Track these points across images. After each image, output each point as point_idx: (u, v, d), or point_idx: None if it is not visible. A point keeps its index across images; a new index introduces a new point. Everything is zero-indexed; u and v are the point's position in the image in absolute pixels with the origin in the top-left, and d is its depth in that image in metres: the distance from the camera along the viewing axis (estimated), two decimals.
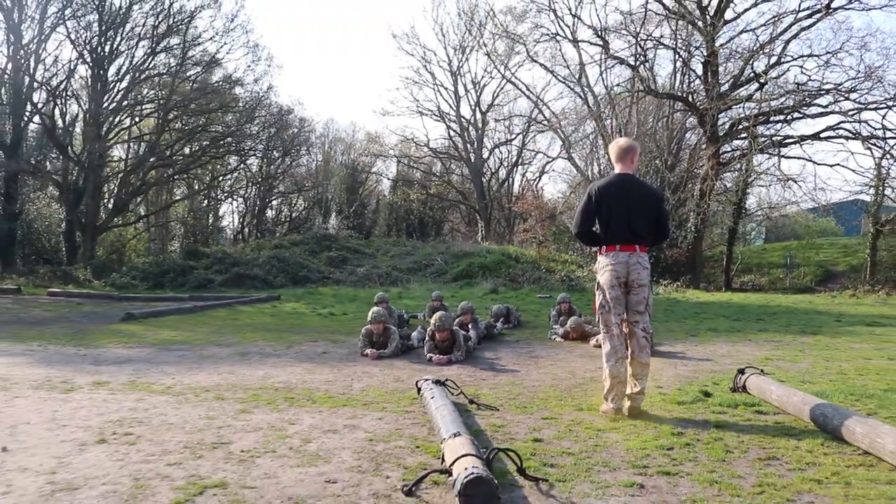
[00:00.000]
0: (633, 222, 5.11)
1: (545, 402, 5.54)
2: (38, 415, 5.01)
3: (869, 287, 24.15)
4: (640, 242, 5.15)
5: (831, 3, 25.00)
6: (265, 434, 4.44)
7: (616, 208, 5.12)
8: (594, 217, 5.26)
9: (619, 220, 5.12)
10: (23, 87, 28.07)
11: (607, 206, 5.15)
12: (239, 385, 6.27)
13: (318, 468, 3.72)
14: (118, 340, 9.80)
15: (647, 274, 5.19)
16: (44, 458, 3.89)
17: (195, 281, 23.81)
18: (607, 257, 5.20)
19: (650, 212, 5.17)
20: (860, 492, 3.30)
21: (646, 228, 5.17)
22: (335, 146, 51.87)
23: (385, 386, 6.31)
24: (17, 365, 7.41)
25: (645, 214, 5.15)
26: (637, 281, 5.12)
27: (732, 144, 29.03)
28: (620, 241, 5.13)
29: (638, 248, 5.14)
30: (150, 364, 7.59)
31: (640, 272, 5.13)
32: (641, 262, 5.14)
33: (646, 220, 5.16)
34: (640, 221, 5.13)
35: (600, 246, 5.29)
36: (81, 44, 29.06)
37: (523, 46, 32.66)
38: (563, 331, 10.11)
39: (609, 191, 5.17)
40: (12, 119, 28.58)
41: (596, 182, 5.44)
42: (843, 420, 4.14)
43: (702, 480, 3.49)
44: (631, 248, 5.13)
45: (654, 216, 5.20)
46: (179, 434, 4.43)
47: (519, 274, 24.19)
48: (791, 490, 3.34)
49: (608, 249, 5.20)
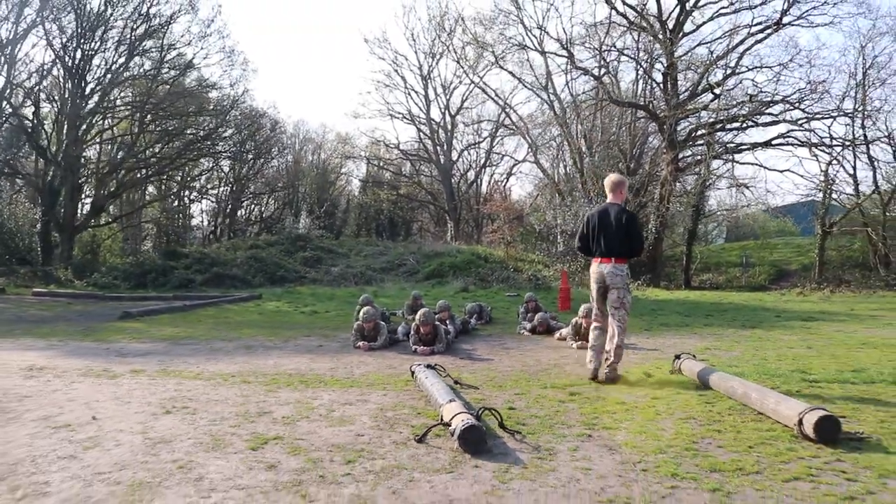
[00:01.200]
0: (609, 241, 6.78)
1: (517, 382, 6.73)
2: (101, 395, 6.09)
3: (816, 285, 25.81)
4: (614, 256, 6.77)
5: (781, 20, 26.68)
6: (296, 406, 5.58)
7: (598, 230, 6.85)
8: (587, 236, 7.00)
9: (598, 239, 6.86)
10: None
11: (592, 228, 6.92)
12: (257, 372, 7.37)
13: (346, 427, 4.87)
14: (128, 336, 10.79)
15: (620, 279, 6.76)
16: (130, 424, 4.99)
17: (176, 280, 24.64)
18: (593, 265, 6.99)
19: (623, 233, 6.73)
20: (747, 435, 4.55)
21: (618, 246, 6.77)
22: (305, 146, 52.69)
23: (381, 371, 7.47)
24: (52, 357, 8.42)
25: (618, 235, 6.73)
26: (611, 284, 6.78)
27: (690, 150, 30.60)
28: (600, 254, 6.86)
29: (613, 259, 6.77)
30: (169, 356, 8.65)
31: (614, 278, 6.76)
32: (615, 270, 6.76)
33: (618, 240, 6.75)
34: (614, 241, 6.76)
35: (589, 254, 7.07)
36: (58, 46, 29.59)
37: (492, 54, 33.93)
38: (531, 325, 11.33)
39: (595, 217, 6.92)
40: None
41: (590, 209, 7.34)
42: (709, 376, 5.41)
43: (634, 431, 4.72)
44: (607, 260, 6.80)
45: (626, 236, 6.74)
46: (227, 407, 5.55)
47: (488, 273, 25.38)
48: (697, 436, 4.58)
49: (594, 260, 6.97)
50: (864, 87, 26.83)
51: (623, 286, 6.78)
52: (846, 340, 10.15)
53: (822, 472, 3.80)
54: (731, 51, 27.69)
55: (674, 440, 4.51)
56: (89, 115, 31.27)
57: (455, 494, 3.48)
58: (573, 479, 3.73)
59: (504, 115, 41.66)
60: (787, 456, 4.12)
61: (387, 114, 45.50)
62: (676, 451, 4.25)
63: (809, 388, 6.23)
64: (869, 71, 26.94)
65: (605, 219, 6.83)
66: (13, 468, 3.96)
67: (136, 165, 33.81)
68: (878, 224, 27.55)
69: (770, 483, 3.63)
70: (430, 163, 47.20)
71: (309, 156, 52.93)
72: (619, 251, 6.77)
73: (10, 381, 6.75)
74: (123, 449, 4.34)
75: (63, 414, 5.30)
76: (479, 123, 46.69)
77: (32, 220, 35.50)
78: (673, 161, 27.75)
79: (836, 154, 27.67)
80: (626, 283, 6.83)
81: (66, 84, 31.03)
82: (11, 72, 29.37)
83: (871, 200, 28.18)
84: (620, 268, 6.78)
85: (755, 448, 4.30)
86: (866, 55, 26.93)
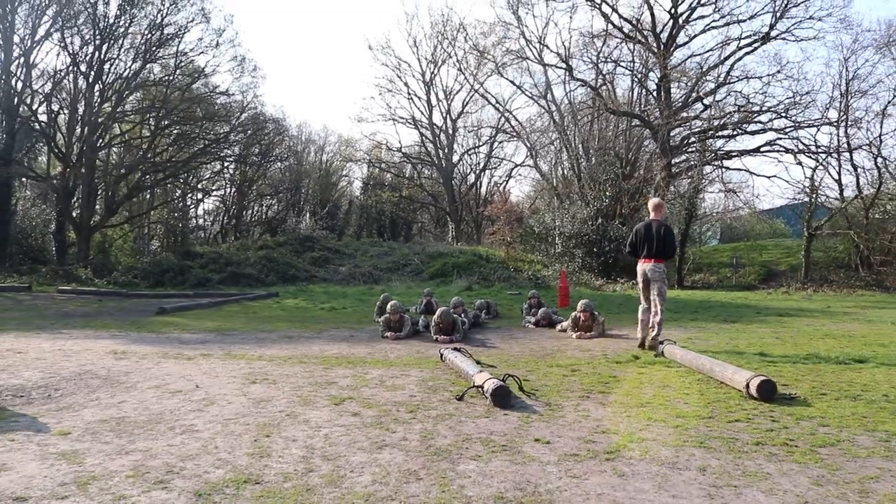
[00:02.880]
0: (650, 246, 9.28)
1: (527, 363, 8.14)
2: (190, 371, 7.49)
3: (800, 285, 27.28)
4: (654, 257, 9.27)
5: (769, 34, 28.17)
6: (353, 378, 6.99)
7: (643, 238, 9.38)
8: (635, 244, 9.52)
9: (643, 245, 9.37)
10: (15, 93, 29.77)
11: (639, 237, 9.45)
12: (307, 355, 8.77)
13: (399, 392, 6.28)
14: (176, 328, 12.17)
15: (658, 274, 9.30)
16: (229, 390, 6.39)
17: (194, 279, 25.99)
18: (639, 264, 9.51)
19: (662, 241, 9.27)
20: (708, 396, 5.97)
21: (657, 250, 9.26)
22: (308, 148, 54.02)
23: (412, 355, 8.88)
24: (125, 344, 9.80)
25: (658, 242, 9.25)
26: (652, 278, 9.33)
27: (684, 156, 32.06)
28: (644, 256, 9.36)
29: (653, 260, 9.27)
30: (224, 343, 10.04)
31: (654, 273, 9.31)
32: (655, 267, 9.30)
33: (657, 246, 9.25)
34: (654, 246, 9.25)
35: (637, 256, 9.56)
36: (75, 52, 30.88)
37: (492, 62, 35.38)
38: (535, 319, 12.75)
39: (642, 229, 9.49)
40: (5, 125, 30.17)
41: (638, 224, 9.87)
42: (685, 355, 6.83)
43: (622, 394, 6.15)
44: (649, 260, 9.32)
45: (663, 243, 9.28)
46: (299, 380, 6.94)
47: (490, 273, 26.78)
48: (670, 397, 6.01)
49: (640, 260, 9.44)
50: (847, 97, 28.32)
51: (661, 280, 9.29)
52: (812, 332, 11.59)
53: (757, 417, 5.23)
54: (721, 62, 29.18)
55: (652, 399, 5.93)
56: (106, 119, 32.55)
57: (493, 429, 4.90)
58: (576, 421, 5.15)
59: (503, 120, 43.14)
60: (734, 408, 5.55)
61: (389, 118, 47.00)
62: (653, 406, 5.68)
63: (766, 366, 7.65)
64: (852, 82, 28.43)
65: (649, 230, 9.33)
66: (159, 417, 5.35)
67: (150, 169, 35.14)
68: (861, 227, 28.98)
69: (717, 423, 5.06)
70: (432, 165, 48.61)
71: (311, 156, 54.24)
72: (658, 254, 9.24)
73: (105, 361, 8.14)
74: (235, 405, 5.74)
75: (170, 384, 6.70)
76: (479, 129, 48.14)
77: (45, 220, 36.88)
78: (666, 167, 29.17)
79: (822, 160, 29.20)
80: (663, 277, 9.28)
81: (83, 89, 32.28)
82: (29, 76, 30.65)
83: (853, 205, 29.63)
84: (659, 266, 9.29)
85: (712, 403, 5.73)
86: (849, 67, 28.43)
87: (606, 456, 4.26)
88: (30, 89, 31.41)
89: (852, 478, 3.85)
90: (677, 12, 29.26)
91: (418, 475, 3.87)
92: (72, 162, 32.04)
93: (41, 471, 3.96)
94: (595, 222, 28.79)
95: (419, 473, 3.90)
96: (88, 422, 5.15)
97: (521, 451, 4.36)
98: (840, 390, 6.27)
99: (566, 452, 4.32)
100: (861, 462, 4.14)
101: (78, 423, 5.11)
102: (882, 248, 28.83)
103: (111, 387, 6.57)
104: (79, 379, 6.98)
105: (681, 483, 3.75)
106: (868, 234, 28.94)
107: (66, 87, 33.16)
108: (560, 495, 3.55)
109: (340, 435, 4.74)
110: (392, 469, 3.98)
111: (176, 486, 3.68)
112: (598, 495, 3.55)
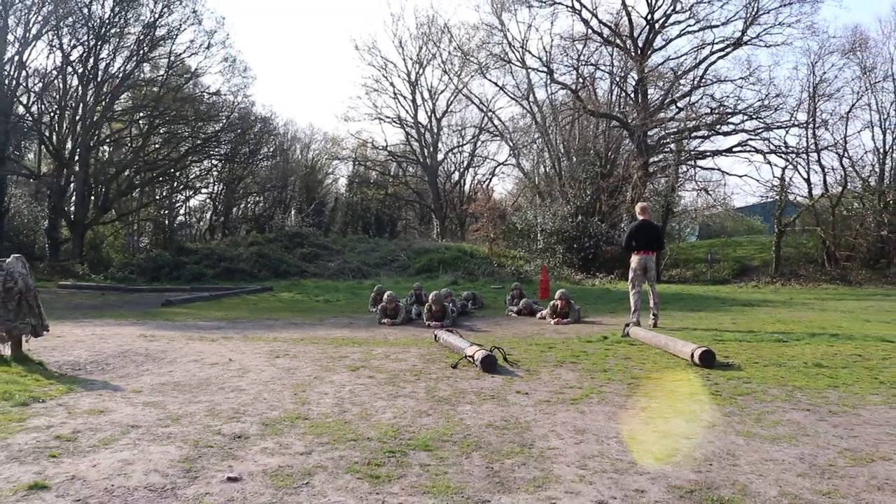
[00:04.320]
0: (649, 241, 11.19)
1: (510, 343, 9.35)
2: (217, 349, 8.62)
3: (770, 279, 28.73)
4: (652, 250, 11.32)
5: (741, 39, 29.57)
6: (362, 354, 8.16)
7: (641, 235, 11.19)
8: (632, 239, 11.26)
9: (641, 240, 11.15)
10: (9, 91, 30.53)
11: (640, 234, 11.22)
12: (316, 338, 9.93)
13: (402, 363, 7.47)
14: (188, 317, 13.28)
15: (654, 263, 11.45)
16: (258, 362, 7.54)
17: (189, 274, 26.93)
18: (638, 256, 11.18)
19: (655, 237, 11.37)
20: (660, 364, 7.20)
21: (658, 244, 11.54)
22: (294, 146, 54.89)
23: (409, 337, 10.07)
24: (149, 330, 10.91)
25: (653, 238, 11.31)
26: (650, 267, 11.35)
27: (661, 156, 33.46)
28: (643, 249, 11.16)
29: (651, 252, 11.31)
30: (238, 329, 11.17)
31: (651, 262, 11.37)
32: (651, 258, 11.34)
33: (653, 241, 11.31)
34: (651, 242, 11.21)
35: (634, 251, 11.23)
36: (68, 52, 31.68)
37: (476, 64, 36.58)
38: (517, 308, 13.97)
39: (639, 228, 11.33)
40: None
41: (632, 223, 11.79)
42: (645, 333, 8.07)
43: (589, 363, 7.39)
44: (648, 253, 11.22)
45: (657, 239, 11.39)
46: (315, 355, 8.11)
47: (474, 268, 27.94)
48: (630, 366, 7.24)
49: (636, 253, 11.17)
50: (815, 100, 29.79)
51: (654, 268, 11.49)
52: (766, 319, 12.91)
53: (696, 377, 6.48)
54: (696, 66, 30.58)
55: (614, 367, 7.17)
56: (99, 118, 33.37)
57: (483, 385, 6.12)
58: (550, 381, 6.38)
59: (487, 119, 44.37)
60: (679, 371, 6.81)
61: (376, 117, 47.99)
62: (614, 371, 6.92)
63: (715, 343, 8.90)
64: (819, 85, 29.90)
65: (644, 229, 11.29)
66: (207, 381, 6.50)
67: (143, 167, 36.04)
68: (828, 224, 30.49)
69: (663, 382, 6.30)
70: (417, 164, 49.75)
71: (297, 154, 55.10)
72: (659, 247, 11.81)
73: (140, 343, 9.26)
74: (268, 373, 6.90)
75: (205, 358, 7.84)
76: (463, 129, 49.34)
77: (36, 217, 37.61)
78: (643, 166, 30.50)
79: (791, 160, 30.68)
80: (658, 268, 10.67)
81: (77, 88, 33.06)
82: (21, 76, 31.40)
83: (821, 203, 31.13)
84: (654, 257, 11.49)
85: (662, 369, 6.98)
86: (816, 72, 29.90)
87: (572, 401, 5.49)
88: (24, 88, 32.13)
89: (754, 411, 5.10)
90: (654, 18, 30.60)
91: (427, 413, 5.08)
92: (66, 160, 32.84)
93: (137, 412, 5.11)
94: (575, 219, 30.02)
95: (428, 412, 5.11)
96: (151, 384, 6.29)
97: (506, 399, 5.58)
98: (770, 360, 7.53)
99: (540, 399, 5.55)
100: (766, 404, 5.39)
101: (143, 385, 6.26)
102: (847, 245, 30.34)
103: (154, 361, 7.70)
104: (123, 356, 8.09)
105: (626, 416, 4.98)
106: (834, 231, 30.45)
107: (60, 87, 33.93)
108: (535, 423, 4.77)
109: (362, 390, 5.93)
110: (407, 409, 5.18)
111: (246, 420, 4.86)
112: (563, 423, 4.77)
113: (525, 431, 4.59)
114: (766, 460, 3.96)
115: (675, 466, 3.86)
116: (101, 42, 32.22)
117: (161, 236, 47.30)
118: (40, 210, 37.82)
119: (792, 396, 5.67)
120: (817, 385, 6.12)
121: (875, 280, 27.67)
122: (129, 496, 3.37)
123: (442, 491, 3.47)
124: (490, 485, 3.57)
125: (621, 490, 3.50)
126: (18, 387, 5.84)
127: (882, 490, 3.50)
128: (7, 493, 3.36)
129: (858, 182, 31.50)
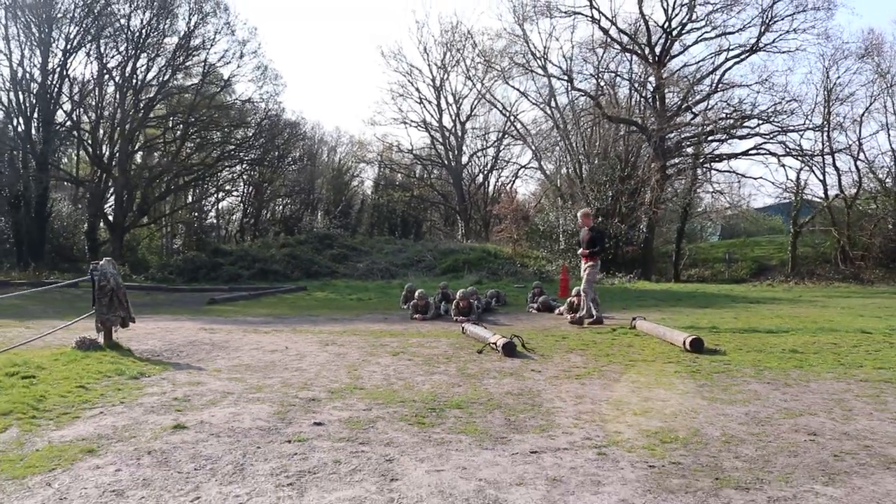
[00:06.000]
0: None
1: (529, 334, 10.52)
2: (273, 340, 9.90)
3: (783, 278, 29.62)
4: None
5: (757, 45, 30.51)
6: (399, 343, 9.40)
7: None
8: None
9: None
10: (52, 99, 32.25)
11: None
12: (356, 330, 11.19)
13: (435, 350, 8.70)
14: (234, 314, 14.60)
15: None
16: (312, 349, 8.81)
17: (226, 275, 28.36)
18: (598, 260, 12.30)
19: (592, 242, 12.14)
20: (658, 351, 8.37)
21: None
22: (321, 148, 56.42)
23: (439, 330, 11.31)
24: (205, 324, 12.23)
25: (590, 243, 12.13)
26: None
27: (678, 159, 34.44)
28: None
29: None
30: (285, 323, 12.46)
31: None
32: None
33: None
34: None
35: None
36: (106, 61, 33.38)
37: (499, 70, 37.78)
38: (537, 305, 15.16)
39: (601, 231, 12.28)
40: (42, 132, 32.62)
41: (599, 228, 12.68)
42: (647, 325, 9.21)
43: (596, 350, 8.58)
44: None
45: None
46: (360, 343, 9.37)
47: (498, 268, 29.10)
48: (630, 352, 8.42)
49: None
50: (829, 104, 30.63)
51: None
52: (767, 314, 13.97)
53: (684, 360, 7.65)
54: (712, 72, 31.57)
55: (616, 353, 8.35)
56: (138, 125, 35.00)
57: (504, 366, 7.35)
58: (561, 363, 7.59)
59: (510, 123, 45.54)
60: (671, 356, 7.99)
61: (401, 121, 49.35)
62: (615, 355, 8.12)
63: (711, 334, 10.04)
64: (833, 90, 30.74)
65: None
66: (272, 364, 7.76)
67: (181, 171, 37.67)
68: (843, 224, 31.29)
69: (656, 364, 7.47)
70: (442, 166, 51.05)
71: (324, 157, 56.61)
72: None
73: (202, 334, 10.58)
74: (322, 357, 8.17)
75: (265, 347, 9.12)
76: (487, 132, 50.54)
77: (76, 220, 39.37)
78: (661, 169, 31.52)
79: (807, 162, 31.55)
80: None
81: (116, 97, 34.71)
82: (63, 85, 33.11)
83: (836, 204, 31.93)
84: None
85: (658, 354, 8.16)
86: (830, 76, 30.76)
87: (576, 377, 6.71)
88: (66, 96, 33.81)
89: (723, 384, 6.29)
90: (670, 26, 31.63)
91: (458, 385, 6.33)
92: (105, 165, 34.51)
93: (226, 384, 6.40)
94: (596, 221, 31.07)
95: (459, 384, 6.36)
96: (227, 366, 7.58)
97: (522, 375, 6.82)
98: (755, 348, 8.67)
99: (551, 376, 6.78)
100: (736, 379, 6.57)
101: (220, 366, 7.55)
102: (861, 244, 31.13)
103: (221, 349, 8.99)
104: (192, 345, 9.40)
105: (619, 387, 6.18)
106: (849, 231, 31.25)
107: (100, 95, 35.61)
108: (544, 391, 6.00)
109: (404, 369, 7.19)
110: (442, 382, 6.43)
111: (315, 389, 6.14)
112: (566, 391, 6.00)
113: (536, 397, 5.82)
114: (719, 415, 5.16)
115: (648, 418, 5.08)
116: (139, 52, 33.82)
117: (193, 238, 49.03)
118: (80, 213, 39.62)
119: (760, 374, 6.83)
120: (785, 366, 7.28)
121: (888, 279, 28.44)
122: (247, 432, 4.65)
123: (472, 432, 4.71)
124: (507, 429, 4.81)
125: (604, 432, 4.72)
126: (123, 366, 7.16)
127: (798, 432, 4.68)
128: (158, 431, 4.66)
129: (873, 183, 32.25)
